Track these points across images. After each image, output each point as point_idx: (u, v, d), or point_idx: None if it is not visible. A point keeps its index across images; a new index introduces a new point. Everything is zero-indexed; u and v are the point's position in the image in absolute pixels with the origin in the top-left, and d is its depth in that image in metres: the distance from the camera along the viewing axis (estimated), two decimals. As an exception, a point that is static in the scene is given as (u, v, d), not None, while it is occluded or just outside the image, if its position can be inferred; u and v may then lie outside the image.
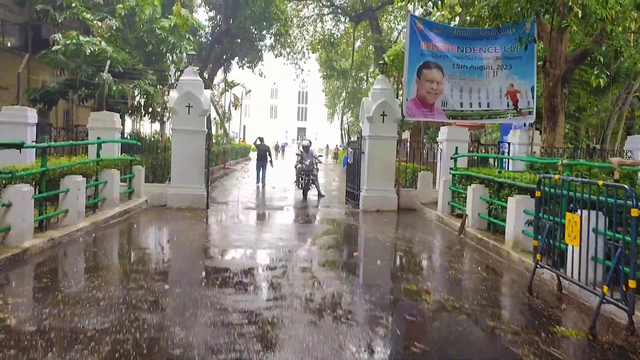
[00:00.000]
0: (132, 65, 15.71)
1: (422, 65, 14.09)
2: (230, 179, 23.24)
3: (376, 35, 44.00)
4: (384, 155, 13.85)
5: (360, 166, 14.19)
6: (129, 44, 16.29)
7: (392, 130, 13.94)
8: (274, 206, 14.47)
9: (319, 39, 47.50)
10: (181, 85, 13.18)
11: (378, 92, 13.99)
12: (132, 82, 15.41)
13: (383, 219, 12.52)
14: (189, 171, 13.13)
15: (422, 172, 14.36)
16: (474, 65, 14.15)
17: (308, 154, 17.68)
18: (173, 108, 13.01)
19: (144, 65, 16.02)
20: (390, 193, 13.91)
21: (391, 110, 13.84)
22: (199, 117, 13.16)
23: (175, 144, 13.17)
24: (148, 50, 16.26)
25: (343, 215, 13.02)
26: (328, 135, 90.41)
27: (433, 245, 9.50)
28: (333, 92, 63.56)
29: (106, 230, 9.84)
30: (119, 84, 15.23)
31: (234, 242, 9.15)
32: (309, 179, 16.85)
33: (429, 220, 12.43)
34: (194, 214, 12.10)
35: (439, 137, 14.75)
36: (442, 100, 14.19)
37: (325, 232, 10.56)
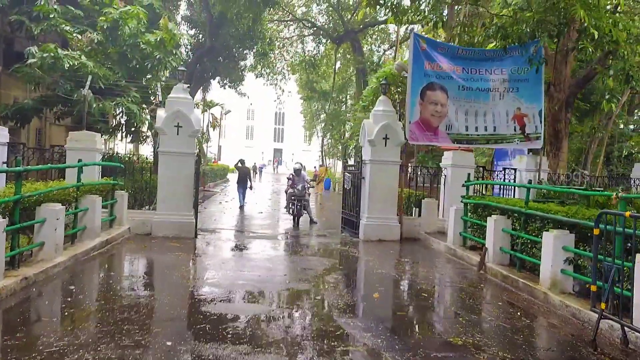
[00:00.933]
0: (114, 81, 14.62)
1: (425, 86, 13.35)
2: (213, 203, 22.10)
3: (358, 57, 43.65)
4: (386, 181, 12.99)
5: (359, 192, 13.29)
6: (111, 59, 15.20)
7: (394, 154, 13.11)
8: (266, 235, 13.42)
9: (299, 60, 47.01)
10: (170, 104, 12.16)
11: (380, 113, 13.18)
12: (114, 100, 14.30)
13: (388, 251, 11.59)
14: (176, 197, 12.05)
15: (427, 200, 13.53)
16: (480, 87, 13.47)
17: (300, 178, 16.76)
18: (161, 128, 11.96)
19: (127, 82, 14.94)
20: (393, 221, 13.02)
21: (394, 134, 13.02)
22: (188, 138, 12.13)
23: (163, 167, 12.09)
24: (132, 66, 15.20)
25: (343, 246, 12.06)
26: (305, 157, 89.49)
27: (456, 284, 8.57)
28: (312, 113, 62.98)
29: (86, 264, 8.69)
30: (100, 101, 14.11)
31: (231, 281, 8.08)
32: (301, 205, 15.88)
33: (439, 252, 11.53)
34: (182, 245, 11.01)
35: (443, 162, 13.98)
36: (446, 124, 13.43)
37: (329, 268, 9.56)
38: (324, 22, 46.59)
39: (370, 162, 12.97)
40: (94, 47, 14.95)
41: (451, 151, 13.81)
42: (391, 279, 8.77)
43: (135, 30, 15.08)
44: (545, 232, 7.64)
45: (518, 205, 8.87)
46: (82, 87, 13.08)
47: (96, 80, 14.05)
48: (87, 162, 10.07)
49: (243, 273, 8.52)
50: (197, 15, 28.67)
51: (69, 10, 15.61)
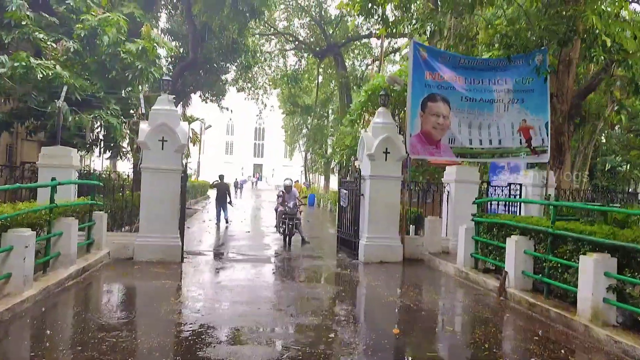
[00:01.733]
0: (92, 93, 13.55)
1: (427, 97, 12.60)
2: (196, 222, 20.98)
3: (341, 72, 43.09)
4: (387, 198, 12.13)
5: (357, 210, 12.41)
6: (89, 69, 14.13)
7: (395, 169, 12.28)
8: (257, 257, 12.41)
9: (281, 75, 46.31)
10: (153, 116, 11.17)
11: (379, 126, 12.36)
12: (91, 112, 13.23)
13: (393, 274, 10.70)
14: (160, 217, 11.03)
15: (430, 218, 12.68)
16: (484, 98, 12.76)
17: (290, 195, 15.81)
18: (144, 142, 10.96)
19: (106, 94, 13.88)
20: (395, 241, 12.15)
21: (395, 147, 12.20)
22: (174, 153, 11.14)
23: (146, 185, 11.06)
24: (111, 77, 14.14)
25: (343, 270, 11.12)
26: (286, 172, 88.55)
27: (479, 313, 7.67)
28: (293, 128, 62.16)
29: (60, 297, 7.62)
30: (77, 114, 13.04)
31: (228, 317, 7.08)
32: (293, 224, 14.93)
33: (448, 275, 10.66)
34: (168, 271, 9.98)
35: (446, 177, 13.19)
36: (449, 137, 12.68)
37: (334, 297, 8.61)
38: (305, 36, 46.07)
39: (370, 177, 12.11)
40: (70, 56, 13.87)
41: (454, 166, 13.03)
42: (406, 309, 7.85)
43: (115, 39, 14.06)
44: (582, 256, 6.82)
45: (543, 225, 8.05)
46: (56, 99, 11.99)
47: (72, 92, 12.98)
48: (62, 180, 8.99)
49: (241, 307, 7.51)
50: (179, 27, 27.73)
51: (42, 18, 14.55)
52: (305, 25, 45.89)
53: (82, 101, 13.37)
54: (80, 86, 13.23)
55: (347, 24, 44.55)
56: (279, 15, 44.89)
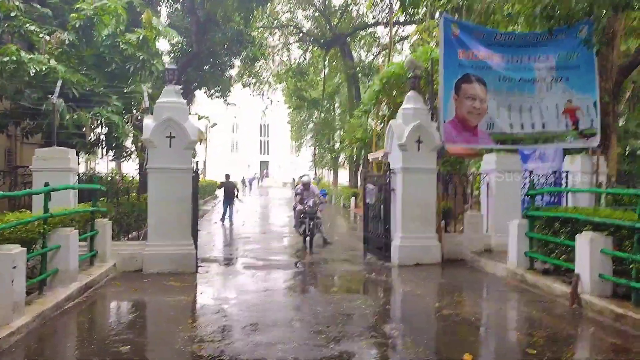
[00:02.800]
0: (90, 88, 12.35)
1: (460, 79, 11.33)
2: (207, 224, 19.81)
3: (349, 62, 41.77)
4: (422, 193, 10.88)
5: (388, 207, 11.16)
6: (86, 63, 12.90)
7: (430, 160, 11.01)
8: (279, 263, 11.19)
9: (286, 69, 45.01)
10: (159, 110, 9.96)
11: (410, 112, 11.09)
12: (90, 110, 12.02)
13: (436, 279, 9.46)
14: (171, 223, 9.84)
15: (470, 213, 11.43)
16: (524, 78, 11.47)
17: (309, 192, 14.59)
18: (149, 140, 9.74)
19: (106, 89, 12.67)
20: (432, 241, 10.91)
21: (428, 136, 10.94)
22: (183, 150, 9.93)
23: (153, 188, 9.86)
24: (110, 70, 12.91)
25: (377, 275, 9.88)
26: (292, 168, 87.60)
27: (557, 328, 6.37)
28: (299, 123, 60.87)
29: (57, 324, 6.42)
30: (74, 111, 11.84)
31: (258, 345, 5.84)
32: (314, 224, 13.70)
33: (499, 278, 9.39)
34: (182, 284, 8.79)
35: (484, 166, 11.91)
36: (487, 122, 11.41)
37: (378, 312, 7.32)
38: (310, 28, 44.77)
39: (401, 170, 10.85)
40: (65, 49, 12.64)
41: (494, 154, 11.73)
42: (467, 324, 6.60)
43: (114, 29, 12.85)
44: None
45: (627, 219, 6.77)
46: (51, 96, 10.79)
47: (69, 88, 11.78)
48: (57, 185, 7.77)
49: (272, 330, 6.27)
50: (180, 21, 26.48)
51: (34, 9, 13.35)
52: (310, 16, 44.59)
53: (80, 98, 12.17)
54: (77, 81, 12.02)
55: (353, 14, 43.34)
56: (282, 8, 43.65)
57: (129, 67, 12.87)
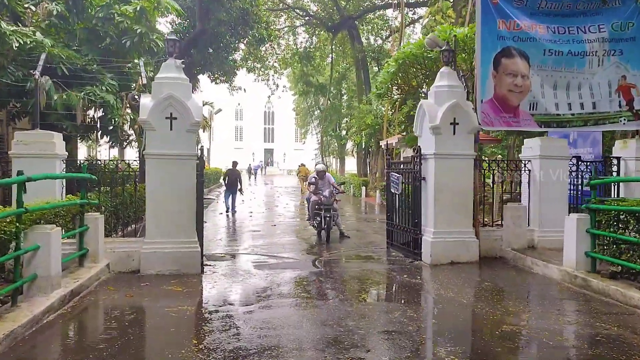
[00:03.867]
0: (82, 65, 11.04)
1: (500, 52, 9.99)
2: (212, 215, 18.56)
3: (358, 46, 40.24)
4: (458, 182, 9.57)
5: (417, 198, 9.85)
6: (77, 37, 11.59)
7: (466, 144, 9.68)
8: (296, 262, 9.93)
9: (292, 53, 43.46)
10: (157, 87, 8.64)
11: (444, 90, 9.73)
12: (82, 89, 10.72)
13: (479, 282, 8.16)
14: (172, 217, 8.56)
15: (511, 205, 10.10)
16: (572, 51, 10.11)
17: (324, 181, 13.31)
18: (146, 121, 8.43)
19: (100, 66, 11.35)
20: (469, 236, 9.61)
21: (465, 117, 9.60)
22: (186, 134, 8.62)
23: (152, 177, 8.57)
24: (105, 46, 11.59)
25: (409, 277, 8.60)
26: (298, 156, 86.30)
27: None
28: (305, 110, 59.45)
29: (31, 346, 5.16)
30: (64, 91, 10.54)
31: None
32: (330, 216, 12.42)
33: (553, 281, 8.07)
34: (185, 288, 7.55)
35: (525, 152, 10.56)
36: (529, 101, 10.08)
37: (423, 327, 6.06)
38: (317, 11, 43.20)
39: (434, 156, 9.52)
40: (54, 21, 11.34)
41: (537, 138, 10.38)
42: (540, 346, 5.28)
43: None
44: None
45: None
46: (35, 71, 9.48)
47: (57, 64, 10.48)
48: (34, 175, 6.46)
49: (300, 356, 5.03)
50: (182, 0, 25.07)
51: (19, -22, 12.02)
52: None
53: (71, 76, 10.90)
54: (67, 57, 10.73)
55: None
56: (289, -11, 42.10)
57: (125, 42, 11.55)
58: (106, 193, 9.67)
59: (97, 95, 10.64)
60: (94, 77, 11.17)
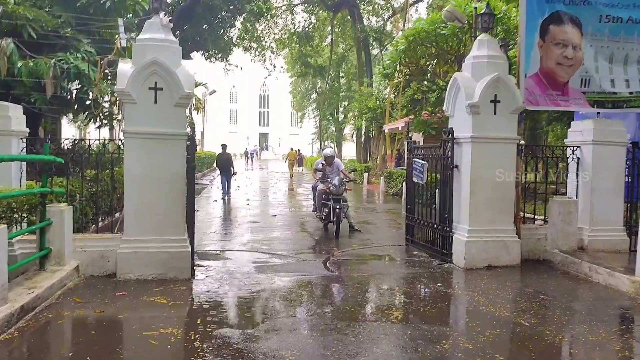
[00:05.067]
0: (53, 28, 9.40)
1: (548, 18, 8.40)
2: (205, 202, 17.04)
3: (359, 26, 38.47)
4: (498, 171, 8.06)
5: (448, 190, 8.34)
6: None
7: (509, 127, 8.15)
8: (303, 263, 8.44)
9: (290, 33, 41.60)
10: (139, 51, 7.03)
11: (483, 62, 8.16)
12: (53, 56, 9.09)
13: (533, 296, 6.62)
14: (157, 209, 7.02)
15: (560, 198, 8.60)
16: (634, 18, 8.54)
17: (332, 168, 11.78)
18: (125, 92, 6.83)
19: (75, 30, 9.71)
20: (509, 235, 8.11)
21: (508, 94, 8.06)
22: (174, 108, 7.03)
23: (131, 160, 6.99)
24: (80, 6, 9.94)
25: (441, 284, 7.14)
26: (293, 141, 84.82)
27: None
28: (302, 93, 57.68)
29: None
30: (31, 58, 8.91)
31: None
32: (340, 208, 10.89)
33: (622, 294, 6.57)
34: (171, 299, 6.03)
35: (572, 137, 9.03)
36: (581, 77, 8.54)
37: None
38: (316, -12, 41.32)
39: (471, 140, 7.98)
40: (20, -24, 9.65)
41: (589, 120, 8.84)
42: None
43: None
44: None
45: None
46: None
47: (23, 27, 8.83)
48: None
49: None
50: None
51: None
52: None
53: (40, 40, 9.24)
54: (35, 19, 9.05)
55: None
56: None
57: (105, 2, 9.87)
58: (77, 182, 8.07)
59: (71, 63, 8.99)
60: (68, 43, 9.52)
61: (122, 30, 9.05)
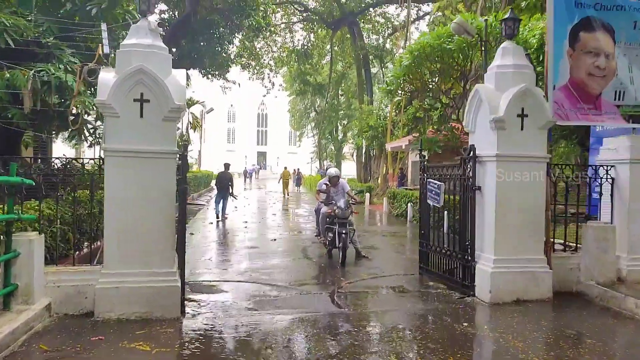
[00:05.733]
0: (34, 37, 8.59)
1: (578, 24, 7.63)
2: (200, 224, 16.11)
3: (360, 43, 37.97)
4: (526, 193, 7.19)
5: (469, 214, 7.46)
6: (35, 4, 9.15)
7: (538, 144, 7.31)
8: (308, 298, 7.52)
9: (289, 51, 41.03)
10: (124, 57, 6.20)
11: (509, 71, 7.34)
12: (33, 67, 8.26)
13: (579, 339, 5.72)
14: (142, 237, 6.13)
15: (595, 224, 7.72)
16: (671, 24, 7.79)
17: (337, 189, 10.92)
18: (106, 104, 5.98)
19: (58, 40, 8.90)
20: (539, 265, 7.22)
21: (537, 107, 7.23)
22: (163, 123, 6.18)
23: (113, 181, 6.11)
24: (65, 13, 9.15)
25: (470, 326, 6.25)
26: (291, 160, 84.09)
27: None
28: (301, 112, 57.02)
29: None
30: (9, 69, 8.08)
31: None
32: (347, 233, 9.98)
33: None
34: (157, 345, 5.14)
35: (605, 155, 8.18)
36: (614, 88, 7.75)
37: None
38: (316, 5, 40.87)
39: (496, 159, 7.13)
40: (-1, -19, 8.88)
41: (625, 137, 8.00)
42: None
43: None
44: None
45: None
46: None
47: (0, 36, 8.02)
48: None
49: None
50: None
51: None
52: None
53: (20, 50, 8.41)
54: (13, 26, 8.23)
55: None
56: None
57: (91, 9, 9.07)
58: (52, 204, 7.18)
59: (52, 75, 8.15)
60: (50, 52, 8.70)
61: (105, 36, 8.22)
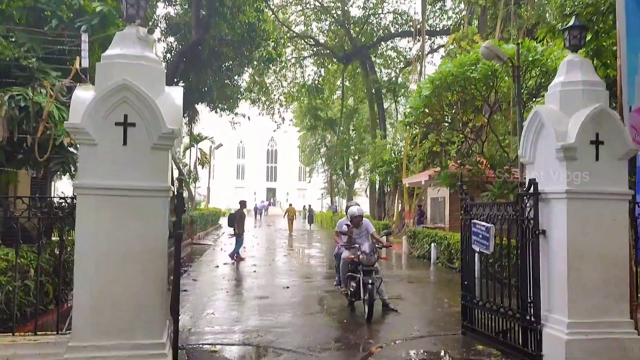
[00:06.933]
0: (14, 57, 7.42)
1: (657, 34, 6.35)
2: (204, 268, 14.67)
3: (372, 76, 37.09)
4: (604, 241, 5.76)
5: (533, 263, 6.03)
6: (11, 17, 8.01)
7: (617, 177, 5.90)
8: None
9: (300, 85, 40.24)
10: (105, 70, 4.95)
11: (578, 89, 5.99)
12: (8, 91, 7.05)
13: None
14: (123, 301, 4.75)
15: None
16: None
17: (361, 230, 9.49)
18: (79, 128, 4.70)
19: (41, 61, 7.72)
20: (625, 330, 5.72)
21: (614, 132, 5.86)
22: (152, 151, 4.88)
23: (86, 226, 4.77)
24: (50, 32, 7.99)
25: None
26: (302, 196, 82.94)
27: None
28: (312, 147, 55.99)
29: None
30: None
31: None
32: (372, 283, 8.49)
33: None
34: None
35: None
36: (703, 111, 6.40)
37: None
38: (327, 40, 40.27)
39: (566, 195, 5.73)
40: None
41: None
42: None
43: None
44: None
45: None
46: None
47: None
48: None
49: None
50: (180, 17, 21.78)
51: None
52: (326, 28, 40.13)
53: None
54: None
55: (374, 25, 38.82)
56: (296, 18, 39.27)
57: (80, 26, 7.90)
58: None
59: (29, 100, 6.92)
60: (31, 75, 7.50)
61: (85, 48, 7.02)
